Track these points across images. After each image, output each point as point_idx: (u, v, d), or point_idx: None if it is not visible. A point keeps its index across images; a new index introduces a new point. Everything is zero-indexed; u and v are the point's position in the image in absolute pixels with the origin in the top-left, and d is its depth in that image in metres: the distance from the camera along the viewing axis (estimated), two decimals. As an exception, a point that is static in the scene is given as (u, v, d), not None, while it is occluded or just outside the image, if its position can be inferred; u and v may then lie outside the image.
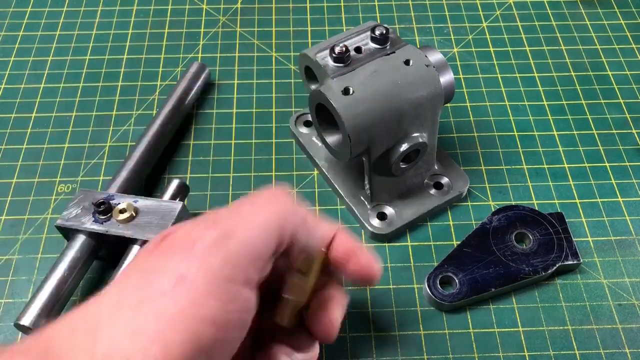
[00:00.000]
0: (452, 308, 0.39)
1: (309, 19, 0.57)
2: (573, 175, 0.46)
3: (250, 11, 0.57)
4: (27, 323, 0.35)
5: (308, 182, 0.46)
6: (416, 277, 0.41)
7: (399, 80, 0.38)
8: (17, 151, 0.47)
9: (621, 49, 0.55)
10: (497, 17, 0.57)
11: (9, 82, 0.52)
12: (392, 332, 0.39)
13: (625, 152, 0.47)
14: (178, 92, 0.48)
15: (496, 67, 0.53)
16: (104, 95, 0.51)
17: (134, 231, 0.38)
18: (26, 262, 0.42)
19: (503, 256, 0.40)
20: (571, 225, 0.43)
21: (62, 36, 0.55)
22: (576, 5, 0.58)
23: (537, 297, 0.40)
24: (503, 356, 0.38)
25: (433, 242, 0.43)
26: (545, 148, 0.47)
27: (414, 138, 0.39)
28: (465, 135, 0.48)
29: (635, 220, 0.44)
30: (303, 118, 0.48)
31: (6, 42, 0.55)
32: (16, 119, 0.49)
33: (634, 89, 0.51)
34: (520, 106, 0.50)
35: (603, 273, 0.41)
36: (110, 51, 0.54)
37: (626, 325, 0.39)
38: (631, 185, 0.46)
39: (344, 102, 0.37)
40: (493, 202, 0.45)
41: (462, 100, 0.50)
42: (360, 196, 0.43)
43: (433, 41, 0.55)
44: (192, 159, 0.47)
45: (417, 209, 0.43)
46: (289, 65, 0.53)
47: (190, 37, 0.55)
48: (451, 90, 0.40)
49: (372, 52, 0.40)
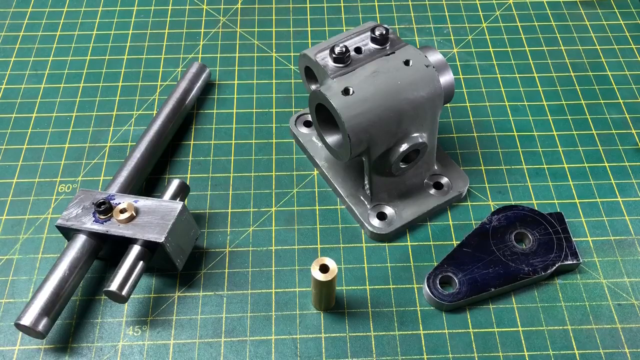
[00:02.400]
0: (452, 308, 0.39)
1: (309, 19, 0.57)
2: (573, 175, 0.46)
3: (251, 11, 0.57)
4: (27, 323, 0.35)
5: (308, 182, 0.46)
6: (416, 277, 0.41)
7: (399, 80, 0.38)
8: (17, 151, 0.47)
9: (621, 49, 0.55)
10: (496, 17, 0.57)
11: (10, 83, 0.52)
12: (392, 332, 0.39)
13: (624, 152, 0.48)
14: (178, 92, 0.48)
15: (496, 68, 0.53)
16: (105, 95, 0.51)
17: (135, 231, 0.38)
18: (26, 262, 0.42)
19: (503, 256, 0.40)
20: (571, 225, 0.43)
21: (63, 36, 0.55)
22: (576, 5, 0.58)
23: (537, 297, 0.40)
24: (503, 356, 0.38)
25: (433, 242, 0.43)
26: (545, 148, 0.48)
27: (414, 138, 0.39)
28: (465, 136, 0.48)
29: (634, 220, 0.44)
30: (303, 118, 0.48)
31: (7, 43, 0.55)
32: (17, 119, 0.49)
33: (634, 89, 0.52)
34: (520, 106, 0.50)
35: (602, 273, 0.41)
36: (111, 51, 0.54)
37: (626, 325, 0.39)
38: (631, 185, 0.46)
39: (344, 102, 0.37)
40: (493, 202, 0.45)
41: (462, 101, 0.50)
42: (360, 196, 0.43)
43: (433, 41, 0.55)
44: (192, 159, 0.47)
45: (417, 209, 0.43)
46: (289, 65, 0.53)
47: (190, 38, 0.55)
48: (451, 90, 0.40)
49: (372, 52, 0.40)
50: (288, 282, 0.41)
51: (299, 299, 0.40)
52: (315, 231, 0.43)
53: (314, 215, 0.44)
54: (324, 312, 0.39)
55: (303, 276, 0.41)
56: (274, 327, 0.39)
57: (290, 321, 0.39)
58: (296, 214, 0.44)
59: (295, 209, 0.44)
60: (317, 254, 0.42)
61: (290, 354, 0.38)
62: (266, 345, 0.38)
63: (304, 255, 0.42)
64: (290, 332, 0.39)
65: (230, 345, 0.38)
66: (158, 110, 0.48)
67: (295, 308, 0.40)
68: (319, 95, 0.38)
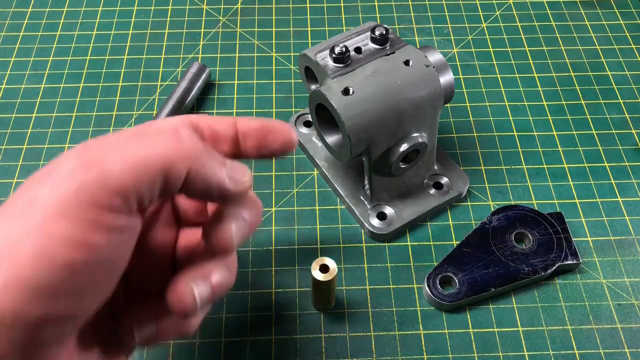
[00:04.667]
0: (452, 308, 0.39)
1: (309, 19, 0.57)
2: (572, 175, 0.46)
3: (251, 11, 0.57)
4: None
5: (308, 182, 0.46)
6: (416, 277, 0.41)
7: (399, 80, 0.38)
8: (17, 151, 0.47)
9: (620, 49, 0.55)
10: (496, 17, 0.57)
11: (10, 83, 0.52)
12: (392, 332, 0.39)
13: (624, 152, 0.48)
14: (178, 92, 0.48)
15: (496, 68, 0.53)
16: (105, 95, 0.51)
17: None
18: (27, 262, 0.42)
19: (503, 256, 0.40)
20: (571, 225, 0.43)
21: (63, 36, 0.55)
22: (576, 5, 0.58)
23: (537, 297, 0.40)
24: (503, 356, 0.38)
25: (433, 242, 0.43)
26: (545, 148, 0.48)
27: (414, 138, 0.39)
28: (465, 135, 0.48)
29: (634, 220, 0.44)
30: (303, 118, 0.48)
31: (7, 43, 0.55)
32: (16, 119, 0.49)
33: (634, 89, 0.52)
34: (520, 106, 0.50)
35: (602, 273, 0.41)
36: (111, 51, 0.54)
37: (625, 325, 0.39)
38: (631, 185, 0.46)
39: (344, 102, 0.37)
40: (493, 202, 0.45)
41: (462, 101, 0.50)
42: (360, 196, 0.43)
43: (433, 41, 0.55)
44: (192, 159, 0.47)
45: (417, 209, 0.43)
46: (289, 65, 0.53)
47: (190, 38, 0.55)
48: (451, 90, 0.40)
49: (372, 52, 0.40)
50: (288, 282, 0.41)
51: (299, 299, 0.40)
52: (315, 231, 0.43)
53: (314, 215, 0.44)
54: (324, 312, 0.39)
55: (303, 276, 0.41)
56: (274, 327, 0.39)
57: (290, 321, 0.39)
58: (296, 214, 0.44)
59: (295, 209, 0.44)
60: (317, 254, 0.42)
61: (290, 354, 0.38)
62: (266, 345, 0.38)
63: (304, 255, 0.42)
64: (290, 332, 0.39)
65: (230, 345, 0.38)
66: (158, 110, 0.48)
67: (295, 308, 0.40)
68: (319, 95, 0.38)
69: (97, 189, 0.23)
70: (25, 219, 0.23)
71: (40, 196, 0.23)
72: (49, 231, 0.22)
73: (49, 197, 0.23)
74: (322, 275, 0.35)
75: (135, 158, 0.24)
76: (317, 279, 0.35)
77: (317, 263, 0.36)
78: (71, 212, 0.22)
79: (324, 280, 0.35)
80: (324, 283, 0.36)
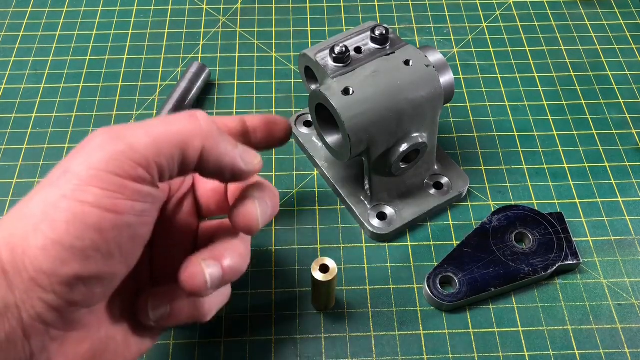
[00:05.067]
0: (452, 308, 0.39)
1: (309, 19, 0.57)
2: (573, 175, 0.46)
3: (250, 11, 0.57)
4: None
5: (308, 182, 0.46)
6: (416, 277, 0.41)
7: (399, 80, 0.38)
8: (17, 151, 0.47)
9: (621, 49, 0.55)
10: (497, 17, 0.57)
11: (9, 82, 0.52)
12: (392, 332, 0.39)
13: (625, 152, 0.48)
14: (178, 92, 0.48)
15: (496, 67, 0.53)
16: (104, 95, 0.51)
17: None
18: (26, 262, 0.42)
19: (503, 256, 0.40)
20: (571, 225, 0.43)
21: (62, 36, 0.55)
22: (576, 5, 0.58)
23: (537, 297, 0.40)
24: (503, 356, 0.38)
25: (433, 242, 0.43)
26: (545, 148, 0.48)
27: (414, 138, 0.39)
28: (465, 135, 0.48)
29: (635, 220, 0.44)
30: (303, 118, 0.48)
31: (6, 42, 0.55)
32: (16, 119, 0.49)
33: (634, 89, 0.52)
34: (520, 106, 0.50)
35: (603, 273, 0.41)
36: (111, 51, 0.54)
37: (626, 325, 0.39)
38: (631, 185, 0.46)
39: (344, 102, 0.37)
40: (493, 202, 0.45)
41: (462, 101, 0.50)
42: (360, 196, 0.43)
43: (433, 41, 0.55)
44: (192, 159, 0.47)
45: (417, 209, 0.43)
46: (289, 65, 0.53)
47: (190, 37, 0.55)
48: (451, 90, 0.40)
49: (372, 52, 0.40)
50: (288, 282, 0.41)
51: (299, 299, 0.40)
52: (315, 231, 0.43)
53: (314, 215, 0.44)
54: (324, 312, 0.39)
55: (303, 276, 0.41)
56: (274, 327, 0.39)
57: (290, 321, 0.39)
58: (296, 214, 0.44)
59: (295, 209, 0.44)
60: (317, 254, 0.42)
61: (290, 354, 0.38)
62: (266, 345, 0.38)
63: (304, 255, 0.42)
64: (290, 332, 0.39)
65: (230, 345, 0.38)
66: (158, 110, 0.48)
67: (295, 308, 0.40)
68: (319, 95, 0.38)
69: (124, 160, 0.25)
70: (61, 186, 0.25)
71: (73, 167, 0.25)
72: (81, 197, 0.25)
73: (81, 167, 0.25)
74: (322, 275, 0.35)
75: (156, 134, 0.27)
76: (317, 279, 0.35)
77: (317, 263, 0.36)
78: (100, 180, 0.25)
79: (324, 280, 0.35)
80: (324, 283, 0.36)
